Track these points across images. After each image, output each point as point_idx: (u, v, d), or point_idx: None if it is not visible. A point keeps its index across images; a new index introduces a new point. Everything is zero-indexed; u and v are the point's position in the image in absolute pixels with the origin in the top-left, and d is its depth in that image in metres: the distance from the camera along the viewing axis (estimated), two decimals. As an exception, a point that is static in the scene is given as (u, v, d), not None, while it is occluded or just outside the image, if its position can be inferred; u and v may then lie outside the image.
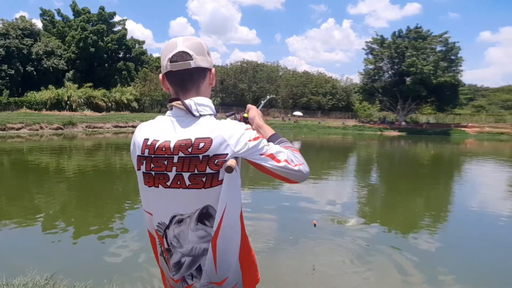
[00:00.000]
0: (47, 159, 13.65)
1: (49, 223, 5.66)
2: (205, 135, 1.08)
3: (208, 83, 1.19)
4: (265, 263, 4.29)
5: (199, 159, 1.07)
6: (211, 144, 1.07)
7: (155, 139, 1.12)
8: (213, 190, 1.10)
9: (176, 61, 1.11)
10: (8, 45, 39.25)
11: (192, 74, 1.13)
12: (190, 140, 1.08)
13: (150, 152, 1.11)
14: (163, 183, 1.12)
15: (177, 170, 1.09)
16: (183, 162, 1.08)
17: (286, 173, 1.17)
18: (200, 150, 1.07)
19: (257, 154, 1.13)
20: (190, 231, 1.13)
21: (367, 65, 48.20)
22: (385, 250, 4.78)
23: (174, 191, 1.11)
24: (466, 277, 4.12)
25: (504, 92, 62.48)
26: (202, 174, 1.08)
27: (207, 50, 1.18)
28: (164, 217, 1.16)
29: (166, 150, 1.09)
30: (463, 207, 7.75)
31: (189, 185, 1.10)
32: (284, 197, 7.94)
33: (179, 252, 1.16)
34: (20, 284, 2.98)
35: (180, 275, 1.18)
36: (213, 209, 1.12)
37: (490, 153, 22.60)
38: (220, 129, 1.09)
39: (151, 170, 1.12)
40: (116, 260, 4.25)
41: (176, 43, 1.14)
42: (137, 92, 45.93)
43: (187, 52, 1.11)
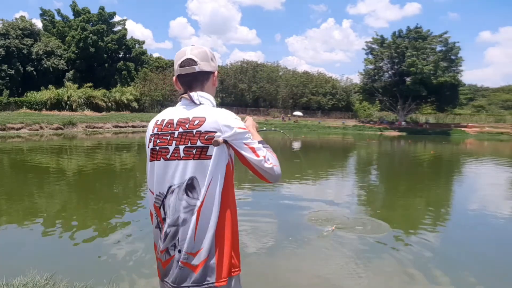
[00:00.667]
0: (47, 159, 13.66)
1: (49, 223, 5.65)
2: (201, 115, 1.32)
3: (211, 84, 1.44)
4: (265, 264, 4.29)
5: (192, 134, 1.30)
6: (204, 121, 1.30)
7: (162, 119, 1.38)
8: (200, 162, 1.29)
9: (184, 66, 1.38)
10: (8, 45, 39.25)
11: (196, 76, 1.39)
12: (188, 118, 1.32)
13: (158, 130, 1.36)
14: (164, 156, 1.33)
15: (176, 144, 1.32)
16: (181, 136, 1.31)
17: (260, 169, 1.35)
18: (195, 126, 1.30)
19: (241, 142, 1.32)
20: (178, 201, 1.30)
21: (367, 65, 48.25)
22: (386, 250, 4.78)
23: (172, 162, 1.32)
24: (467, 277, 4.12)
25: (504, 92, 62.48)
26: (193, 147, 1.29)
27: (211, 56, 1.43)
28: (163, 188, 1.34)
29: (170, 126, 1.34)
30: (463, 207, 7.75)
31: (183, 156, 1.30)
32: (284, 197, 7.94)
33: (167, 222, 1.32)
34: (20, 284, 2.98)
35: (164, 245, 1.33)
36: (197, 181, 1.29)
37: (490, 153, 22.60)
38: (215, 112, 1.33)
39: (157, 145, 1.35)
40: (116, 260, 4.24)
41: (185, 52, 1.40)
42: (137, 92, 45.92)
43: (193, 59, 1.37)
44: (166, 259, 1.33)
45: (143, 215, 6.13)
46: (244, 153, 1.32)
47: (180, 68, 1.38)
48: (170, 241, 1.32)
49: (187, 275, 1.29)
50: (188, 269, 1.29)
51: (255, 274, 3.96)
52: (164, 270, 1.35)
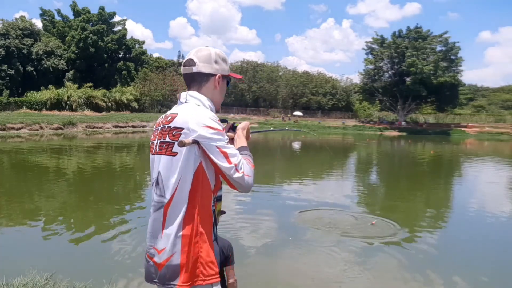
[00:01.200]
0: (47, 159, 13.65)
1: (49, 223, 5.65)
2: (175, 111, 1.35)
3: (212, 86, 1.43)
4: (265, 264, 4.28)
5: (165, 129, 1.34)
6: (175, 117, 1.32)
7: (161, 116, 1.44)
8: (168, 158, 1.30)
9: (185, 66, 1.42)
10: (8, 45, 39.24)
11: (194, 76, 1.41)
12: (167, 115, 1.38)
13: (156, 126, 1.41)
14: (152, 150, 1.39)
15: (157, 139, 1.36)
16: (160, 131, 1.36)
17: (229, 176, 1.28)
18: (167, 121, 1.34)
19: (213, 145, 1.26)
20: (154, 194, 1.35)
21: (367, 65, 48.27)
22: (386, 250, 4.78)
23: (155, 157, 1.36)
24: (467, 278, 4.12)
25: (504, 92, 62.48)
26: (164, 142, 1.32)
27: (216, 58, 1.42)
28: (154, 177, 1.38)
29: (159, 123, 1.40)
30: (463, 207, 7.74)
31: (157, 151, 1.35)
32: (284, 197, 7.94)
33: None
34: (20, 284, 2.98)
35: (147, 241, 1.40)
36: (161, 177, 1.31)
37: (490, 153, 22.60)
38: (189, 110, 1.31)
39: (152, 140, 1.40)
40: (116, 260, 4.24)
41: (191, 52, 1.44)
42: (137, 92, 45.89)
43: (193, 60, 1.40)
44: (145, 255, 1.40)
45: (143, 215, 6.13)
46: (214, 157, 1.25)
47: (182, 68, 1.44)
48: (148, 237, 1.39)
49: (152, 270, 1.30)
50: (153, 265, 1.30)
51: (255, 274, 3.96)
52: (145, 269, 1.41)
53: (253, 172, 1.35)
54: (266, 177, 10.56)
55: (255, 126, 42.78)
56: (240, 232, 5.25)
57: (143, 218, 5.90)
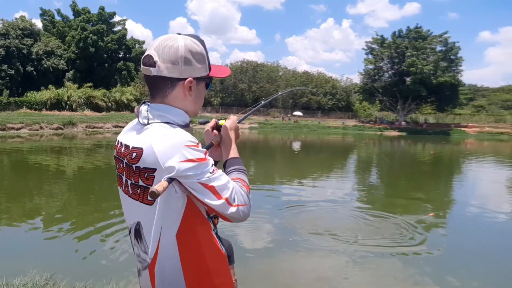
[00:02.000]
0: (47, 159, 13.65)
1: (49, 223, 5.65)
2: (139, 144, 0.99)
3: (181, 95, 1.05)
4: (264, 265, 4.28)
5: (133, 169, 1.00)
6: (141, 155, 0.97)
7: (119, 141, 1.11)
8: (144, 206, 1.01)
9: (144, 64, 1.02)
10: (8, 45, 39.24)
11: (155, 81, 1.03)
12: (129, 147, 1.02)
13: (116, 153, 1.11)
14: (121, 185, 1.10)
15: (126, 175, 1.06)
16: (127, 168, 1.04)
17: (222, 213, 1.01)
18: (133, 160, 0.99)
19: (194, 182, 0.96)
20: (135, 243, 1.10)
21: (367, 65, 48.27)
22: (387, 250, 4.77)
23: (125, 196, 1.09)
24: (468, 278, 4.11)
25: (504, 92, 62.46)
26: (137, 185, 1.01)
27: (185, 56, 1.02)
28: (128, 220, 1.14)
29: (122, 152, 1.07)
30: (464, 208, 7.73)
31: (131, 194, 1.04)
32: (285, 198, 7.93)
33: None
34: (20, 284, 2.98)
35: None
36: (142, 228, 1.03)
37: (490, 153, 22.59)
38: (153, 139, 0.97)
39: (117, 170, 1.12)
40: (116, 260, 4.24)
41: (153, 43, 1.05)
42: (137, 92, 45.90)
43: (152, 57, 1.01)
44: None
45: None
46: (200, 196, 0.97)
47: (142, 66, 1.05)
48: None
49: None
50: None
51: (255, 275, 3.96)
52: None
53: (249, 196, 1.07)
54: (266, 177, 10.57)
55: (255, 126, 42.80)
56: (240, 232, 5.24)
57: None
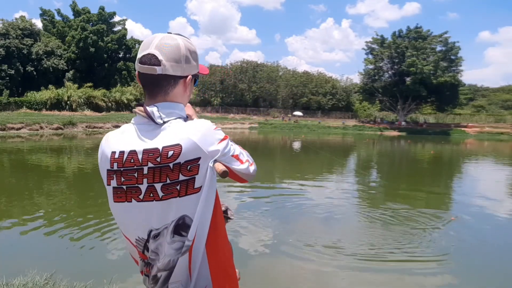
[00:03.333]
0: (47, 159, 13.66)
1: (49, 223, 5.65)
2: (173, 142, 1.00)
3: (182, 91, 1.10)
4: (263, 266, 4.27)
5: (170, 168, 1.00)
6: (180, 150, 0.99)
7: (121, 151, 1.03)
8: (188, 198, 1.03)
9: (144, 64, 1.04)
10: (8, 45, 39.23)
11: (158, 80, 1.05)
12: (158, 149, 1.00)
13: (119, 166, 1.03)
14: (136, 196, 1.04)
15: (148, 182, 1.02)
16: (154, 172, 1.01)
17: (245, 174, 1.13)
18: (169, 158, 0.99)
19: (228, 156, 1.08)
20: (167, 244, 1.06)
21: (367, 65, 48.25)
22: (386, 250, 4.77)
23: (148, 204, 1.04)
24: (468, 279, 4.12)
25: (504, 92, 62.42)
26: (175, 183, 1.01)
27: (186, 54, 1.07)
28: (141, 232, 1.08)
29: (134, 161, 1.02)
30: (464, 208, 7.74)
31: (163, 196, 1.02)
32: (285, 198, 7.93)
33: (156, 266, 1.10)
34: (20, 284, 2.98)
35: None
36: (190, 218, 1.05)
37: (490, 153, 22.59)
38: (188, 132, 1.01)
39: (122, 184, 1.04)
40: (116, 260, 4.25)
41: (150, 42, 1.06)
42: (137, 92, 45.88)
43: (156, 56, 1.03)
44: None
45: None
46: (232, 165, 1.10)
47: (139, 65, 1.05)
48: (163, 285, 1.11)
49: None
50: None
51: (255, 276, 3.96)
52: None
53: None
54: (267, 176, 10.57)
55: (255, 126, 42.80)
56: (239, 232, 5.24)
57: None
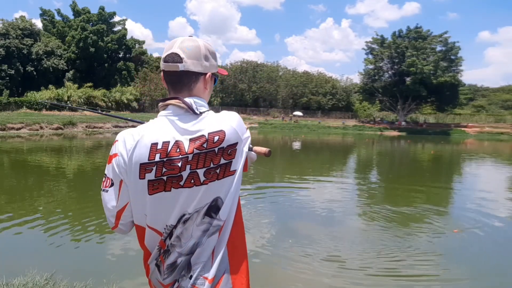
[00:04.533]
0: (47, 159, 13.66)
1: (49, 223, 5.65)
2: (217, 128, 1.10)
3: (202, 88, 1.19)
4: (262, 267, 4.27)
5: (215, 152, 1.09)
6: (225, 135, 1.10)
7: (165, 141, 1.08)
8: (224, 181, 1.12)
9: (168, 62, 1.14)
10: (8, 45, 39.25)
11: (181, 76, 1.15)
12: (204, 136, 1.09)
13: (162, 156, 1.07)
14: (176, 184, 1.09)
15: (191, 168, 1.08)
16: (198, 158, 1.08)
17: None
18: (215, 143, 1.09)
19: (249, 143, 1.19)
20: (195, 227, 1.11)
21: (367, 65, 48.25)
22: (386, 251, 4.77)
23: (185, 190, 1.10)
24: (468, 279, 4.11)
25: (504, 92, 62.41)
26: (217, 167, 1.10)
27: (206, 53, 1.18)
28: (173, 219, 1.12)
29: (180, 150, 1.08)
30: (464, 208, 7.73)
31: (204, 181, 1.09)
32: (284, 199, 7.93)
33: (176, 252, 1.13)
34: (20, 284, 2.98)
35: (172, 278, 1.15)
36: (221, 200, 1.12)
37: (490, 153, 22.59)
38: (228, 120, 1.14)
39: (163, 175, 1.08)
40: (116, 260, 4.25)
41: (174, 43, 1.17)
42: (137, 92, 45.95)
43: (179, 55, 1.13)
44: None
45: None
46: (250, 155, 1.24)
47: (164, 64, 1.16)
48: (179, 272, 1.14)
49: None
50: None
51: (254, 275, 3.96)
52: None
53: None
54: (267, 176, 10.57)
55: (255, 126, 42.78)
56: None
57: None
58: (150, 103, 47.09)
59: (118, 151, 1.12)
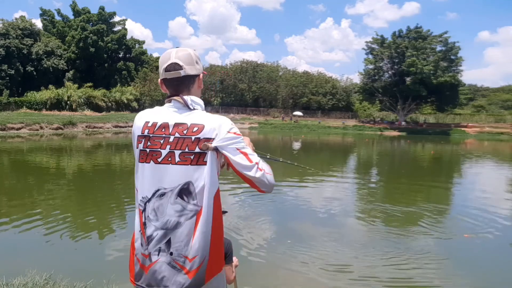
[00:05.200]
0: (47, 159, 13.66)
1: (49, 223, 5.65)
2: (199, 122, 1.32)
3: (197, 86, 1.44)
4: (260, 268, 4.26)
5: (191, 140, 1.30)
6: (203, 128, 1.30)
7: (154, 122, 1.35)
8: (197, 168, 1.30)
9: (170, 71, 1.37)
10: (8, 45, 39.25)
11: (182, 80, 1.39)
12: (186, 124, 1.32)
13: (150, 132, 1.34)
14: (155, 159, 1.32)
15: (170, 148, 1.31)
16: (177, 141, 1.30)
17: (252, 176, 1.34)
18: (193, 132, 1.30)
19: (234, 148, 1.32)
20: (169, 205, 1.30)
21: (367, 65, 48.21)
22: (386, 252, 4.77)
23: (163, 166, 1.31)
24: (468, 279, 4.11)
25: (504, 92, 62.39)
26: (191, 153, 1.29)
27: (196, 59, 1.42)
28: (148, 191, 1.34)
29: (165, 130, 1.32)
30: (465, 208, 7.74)
31: (178, 161, 1.30)
32: (283, 200, 7.93)
33: (153, 225, 1.32)
34: (20, 284, 2.98)
35: (149, 250, 1.32)
36: (193, 186, 1.30)
37: (490, 153, 22.59)
38: (213, 119, 1.33)
39: (147, 147, 1.34)
40: (116, 260, 4.25)
41: (170, 55, 1.39)
42: (137, 92, 45.94)
43: (178, 63, 1.36)
44: (150, 263, 1.31)
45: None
46: (236, 159, 1.32)
47: (166, 73, 1.38)
48: (155, 245, 1.31)
49: (178, 278, 1.29)
50: (182, 272, 1.29)
51: (252, 275, 3.96)
52: (145, 274, 1.32)
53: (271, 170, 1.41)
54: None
55: (255, 126, 42.81)
56: (239, 232, 5.24)
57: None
58: (150, 103, 47.07)
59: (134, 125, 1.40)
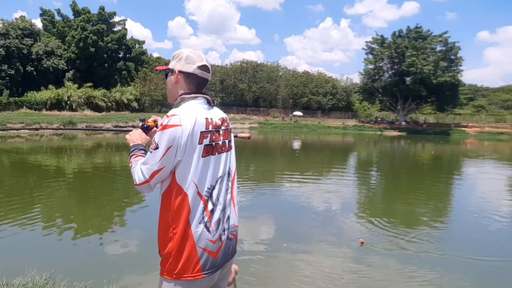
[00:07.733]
0: (47, 159, 13.65)
1: (49, 223, 5.65)
2: (221, 115, 1.58)
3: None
4: (259, 271, 4.25)
5: (230, 130, 1.61)
6: (227, 121, 1.61)
7: (210, 117, 1.49)
8: (232, 151, 1.62)
9: (205, 71, 1.55)
10: (8, 45, 39.23)
11: (207, 82, 1.59)
12: (223, 118, 1.58)
13: (213, 127, 1.48)
14: (218, 150, 1.50)
15: (224, 138, 1.54)
16: (226, 132, 1.56)
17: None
18: (228, 123, 1.61)
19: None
20: (223, 187, 1.51)
21: (367, 65, 48.19)
22: (385, 253, 4.77)
23: (222, 155, 1.52)
24: (468, 279, 4.11)
25: (504, 92, 62.41)
26: (230, 140, 1.61)
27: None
28: (213, 180, 1.46)
29: (219, 125, 1.53)
30: (465, 208, 7.74)
31: (227, 149, 1.56)
32: (282, 199, 7.93)
33: (218, 209, 1.47)
34: (20, 284, 2.98)
35: (218, 232, 1.45)
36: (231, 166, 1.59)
37: (490, 153, 22.58)
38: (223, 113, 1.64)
39: (213, 141, 1.47)
40: (116, 260, 4.25)
41: (202, 57, 1.55)
42: (137, 92, 45.91)
43: (209, 68, 1.57)
44: (220, 244, 1.46)
45: (143, 214, 6.13)
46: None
47: (199, 71, 1.52)
48: (222, 226, 1.48)
49: (234, 245, 1.57)
50: (235, 240, 1.57)
51: (253, 275, 3.95)
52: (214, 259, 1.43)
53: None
54: (266, 176, 10.56)
55: (255, 126, 42.78)
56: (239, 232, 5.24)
57: (143, 217, 5.90)
58: (150, 103, 47.08)
59: (181, 123, 1.37)
